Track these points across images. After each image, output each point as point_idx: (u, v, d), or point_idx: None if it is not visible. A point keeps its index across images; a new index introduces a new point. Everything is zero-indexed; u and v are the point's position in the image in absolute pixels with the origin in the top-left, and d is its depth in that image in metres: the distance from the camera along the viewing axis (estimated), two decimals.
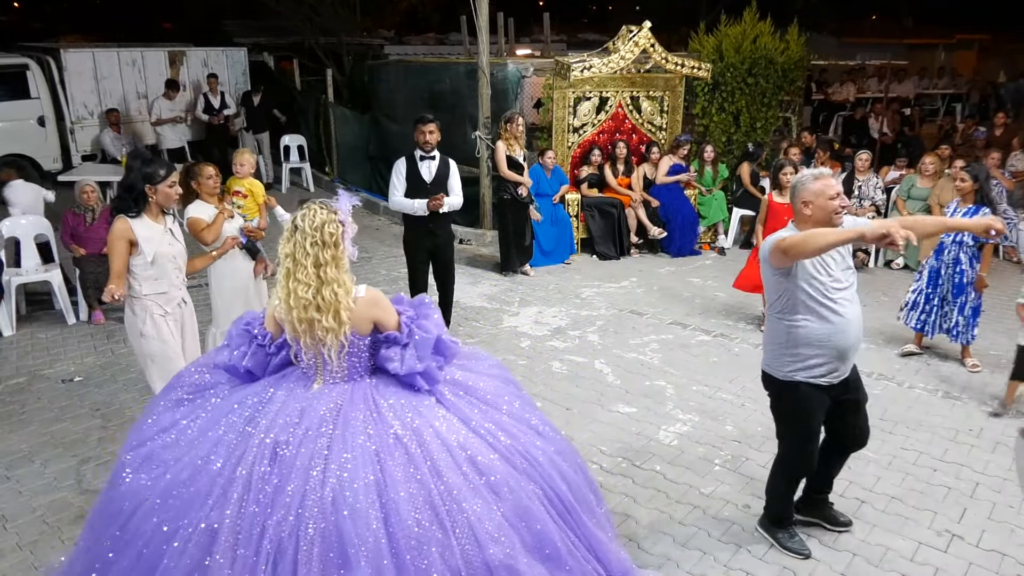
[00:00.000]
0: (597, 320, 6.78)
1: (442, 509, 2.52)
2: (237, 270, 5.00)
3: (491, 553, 2.49)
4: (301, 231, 2.72)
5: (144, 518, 2.55)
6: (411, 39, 21.59)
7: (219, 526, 2.45)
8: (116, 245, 3.74)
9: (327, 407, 2.71)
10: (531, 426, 2.99)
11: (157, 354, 3.88)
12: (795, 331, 3.29)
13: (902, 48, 21.72)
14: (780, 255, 3.18)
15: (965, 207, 5.58)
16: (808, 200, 3.27)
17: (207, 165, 4.80)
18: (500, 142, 7.81)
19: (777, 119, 10.01)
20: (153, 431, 2.81)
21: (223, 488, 2.52)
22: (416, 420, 2.73)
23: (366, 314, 2.79)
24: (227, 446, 2.64)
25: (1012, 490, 4.14)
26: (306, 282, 2.69)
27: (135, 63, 12.41)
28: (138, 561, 2.50)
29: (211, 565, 2.39)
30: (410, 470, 2.58)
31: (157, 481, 2.62)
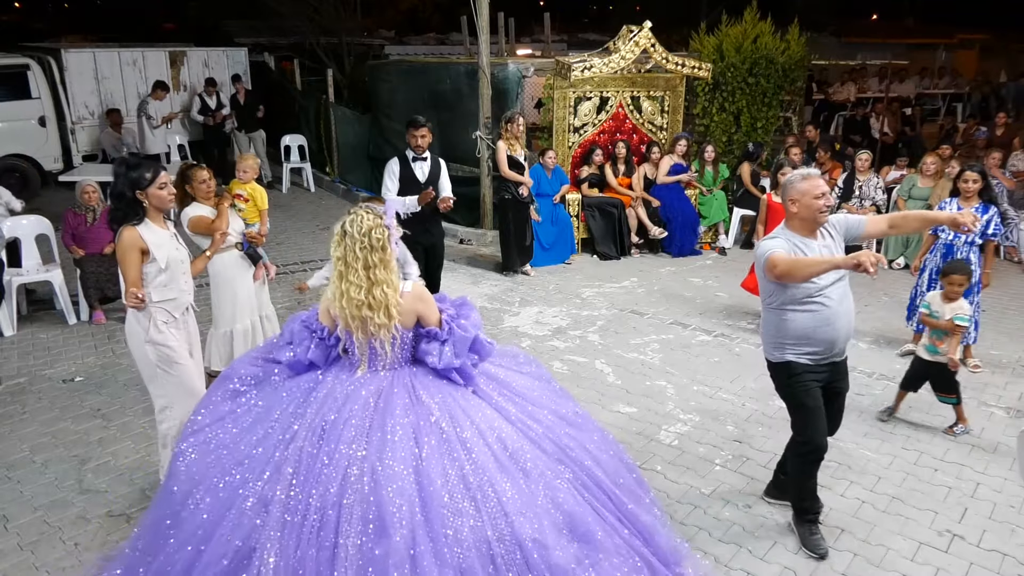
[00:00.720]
0: (598, 320, 6.78)
1: (474, 486, 2.70)
2: (238, 275, 5.00)
3: (520, 529, 2.64)
4: (350, 236, 2.90)
5: (204, 494, 2.80)
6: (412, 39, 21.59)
7: (271, 498, 2.67)
8: (128, 256, 3.63)
9: (370, 391, 2.93)
10: (562, 416, 3.19)
11: (164, 361, 3.79)
12: (785, 322, 3.51)
13: (903, 48, 21.67)
14: (774, 278, 3.42)
15: (970, 206, 5.56)
16: (795, 199, 3.45)
17: (201, 169, 4.77)
18: (501, 142, 7.81)
19: (778, 119, 10.00)
20: (209, 420, 3.06)
21: (277, 466, 2.75)
22: (451, 405, 2.94)
23: (411, 308, 2.99)
24: (280, 429, 2.87)
25: (1013, 490, 4.14)
26: (357, 284, 2.88)
27: (136, 63, 12.41)
28: (198, 530, 2.74)
29: (263, 532, 2.62)
30: (444, 449, 2.77)
31: (215, 463, 2.87)
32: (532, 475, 2.81)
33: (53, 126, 11.49)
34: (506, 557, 2.60)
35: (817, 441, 3.58)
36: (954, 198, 5.70)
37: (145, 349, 3.75)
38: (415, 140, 5.93)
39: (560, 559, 2.65)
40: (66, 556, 3.59)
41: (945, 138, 12.15)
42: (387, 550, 2.53)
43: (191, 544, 2.72)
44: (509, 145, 7.79)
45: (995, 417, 5.00)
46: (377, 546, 2.55)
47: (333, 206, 11.56)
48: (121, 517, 3.88)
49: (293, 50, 16.02)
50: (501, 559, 2.60)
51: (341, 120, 12.53)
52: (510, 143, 7.79)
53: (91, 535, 3.75)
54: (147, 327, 3.73)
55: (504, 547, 2.61)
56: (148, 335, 3.73)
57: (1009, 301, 7.31)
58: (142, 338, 3.74)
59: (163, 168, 3.79)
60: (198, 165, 4.93)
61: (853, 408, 4.64)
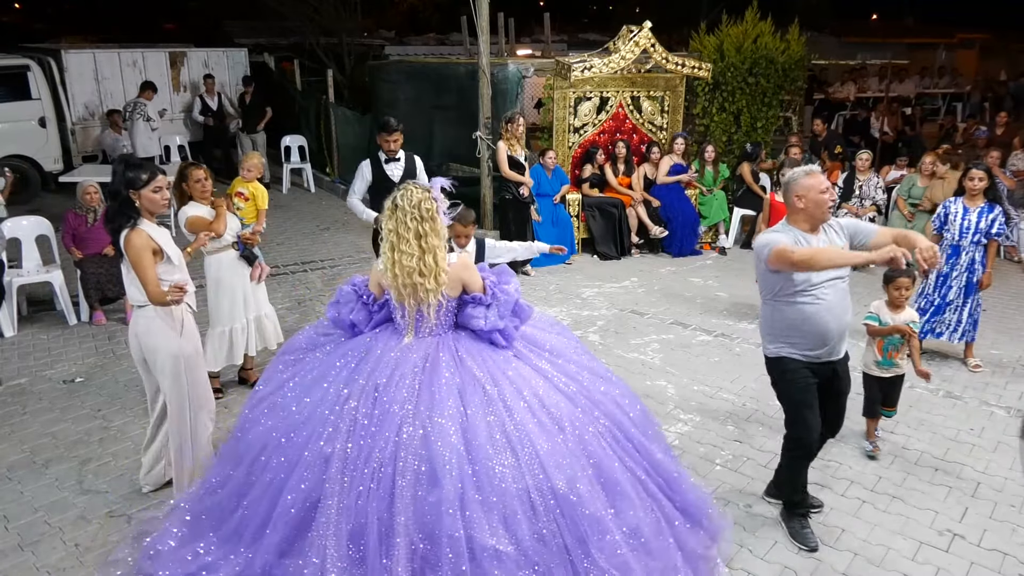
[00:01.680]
0: (598, 320, 6.78)
1: (514, 441, 2.95)
2: (235, 275, 5.00)
3: (556, 479, 2.89)
4: (401, 208, 3.10)
5: (272, 454, 3.07)
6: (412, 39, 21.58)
7: (331, 453, 2.93)
8: (144, 257, 3.61)
9: (418, 355, 3.16)
10: (593, 371, 3.45)
11: (194, 352, 3.85)
12: (780, 314, 3.58)
13: (903, 47, 21.67)
14: (787, 265, 3.40)
15: (976, 206, 5.56)
16: (801, 194, 3.48)
17: (197, 168, 4.76)
18: (501, 142, 7.81)
19: (778, 119, 10.01)
20: (271, 388, 3.33)
21: (334, 424, 2.99)
22: (492, 367, 3.17)
23: (457, 277, 3.21)
24: (335, 391, 3.11)
25: (1013, 489, 4.14)
26: (409, 252, 3.09)
27: (136, 64, 12.40)
28: (269, 486, 3.02)
29: (326, 485, 2.88)
30: (487, 408, 3.01)
31: (278, 425, 3.13)
32: (566, 430, 3.06)
33: (53, 127, 11.48)
34: (543, 504, 2.86)
35: (805, 439, 3.61)
36: (959, 197, 5.67)
37: (180, 343, 3.77)
38: (387, 144, 5.88)
39: (590, 507, 2.92)
40: (67, 557, 3.59)
41: (945, 138, 12.15)
42: (439, 497, 2.79)
43: (265, 499, 3.00)
44: (509, 145, 7.79)
45: (996, 417, 4.99)
46: (430, 494, 2.81)
47: (333, 206, 11.56)
48: (122, 518, 3.88)
49: (293, 50, 16.01)
50: (539, 506, 2.86)
51: (341, 120, 12.53)
52: (510, 143, 7.79)
53: (92, 536, 3.75)
54: (180, 323, 3.78)
55: (541, 496, 2.87)
56: (183, 330, 3.79)
57: (1009, 301, 7.31)
58: (176, 332, 3.76)
59: (162, 172, 3.77)
60: (196, 164, 4.93)
61: (853, 408, 4.62)
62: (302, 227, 10.26)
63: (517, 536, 2.80)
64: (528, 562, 2.79)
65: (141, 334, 3.78)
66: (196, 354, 3.89)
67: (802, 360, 3.57)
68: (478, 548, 2.74)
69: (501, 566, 2.74)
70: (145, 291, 3.66)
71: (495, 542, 2.76)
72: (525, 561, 2.79)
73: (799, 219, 3.53)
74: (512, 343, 3.31)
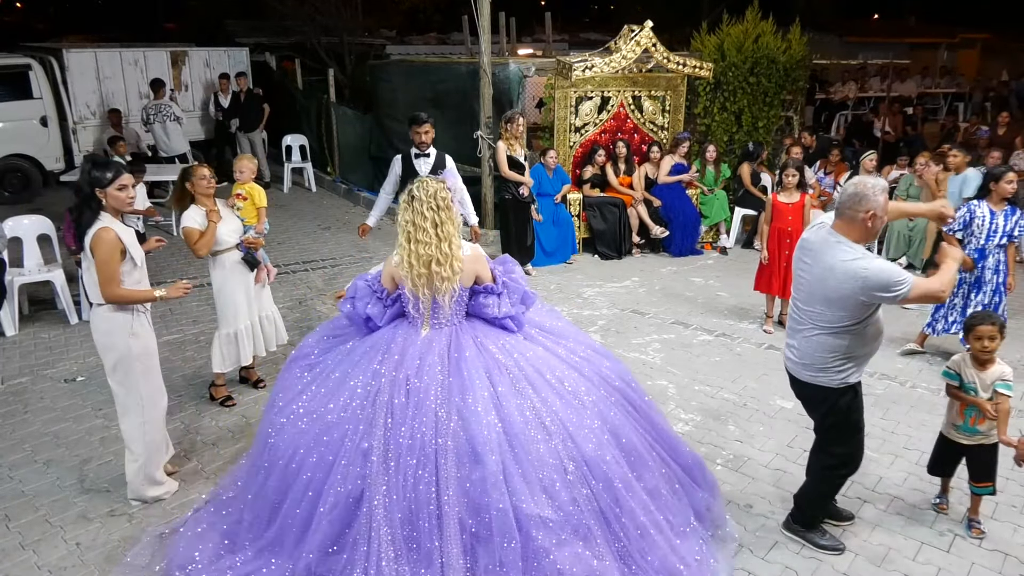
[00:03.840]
0: (599, 320, 6.78)
1: (544, 416, 3.14)
2: (239, 276, 4.98)
3: (586, 449, 3.12)
4: (418, 199, 3.22)
5: (305, 456, 3.14)
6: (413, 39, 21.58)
7: (369, 448, 3.03)
8: (114, 255, 3.62)
9: (441, 345, 3.29)
10: (597, 349, 3.66)
11: (144, 353, 3.85)
12: (861, 338, 3.31)
13: (904, 47, 21.65)
14: (928, 301, 3.40)
15: (1001, 209, 5.46)
16: (876, 213, 3.21)
17: (201, 166, 4.78)
18: (501, 142, 7.81)
19: (779, 118, 9.99)
20: (293, 394, 3.38)
21: (369, 420, 3.10)
22: (511, 350, 3.34)
23: (471, 268, 3.33)
24: (363, 388, 3.20)
25: (1014, 490, 4.14)
26: (427, 241, 3.19)
27: (137, 63, 12.40)
28: (307, 489, 3.10)
29: (368, 479, 2.99)
30: (514, 388, 3.19)
31: (309, 428, 3.19)
32: (586, 403, 3.26)
33: (55, 126, 11.49)
34: (575, 472, 3.07)
35: (858, 457, 3.56)
36: (982, 200, 5.54)
37: (129, 343, 3.77)
38: (419, 137, 6.03)
39: (618, 472, 3.16)
40: (68, 556, 3.60)
41: (946, 137, 12.14)
42: (483, 475, 2.96)
43: (304, 502, 3.08)
44: (509, 145, 7.79)
45: None
46: (474, 472, 2.98)
47: (334, 206, 11.57)
48: (123, 517, 3.89)
49: (294, 50, 16.02)
50: (572, 474, 3.06)
51: (342, 120, 12.53)
52: (510, 143, 7.79)
53: (93, 534, 3.75)
54: (131, 321, 3.78)
55: (574, 464, 3.08)
56: (133, 328, 3.78)
57: (1010, 301, 7.28)
58: (126, 331, 3.76)
59: (127, 170, 3.77)
60: (200, 164, 4.95)
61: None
62: (303, 226, 10.26)
63: (558, 502, 3.00)
64: (569, 525, 2.99)
65: (94, 332, 3.81)
66: (147, 354, 3.88)
67: (860, 380, 3.45)
68: (523, 517, 2.93)
69: (547, 531, 2.94)
70: (102, 288, 3.65)
71: (539, 510, 2.95)
72: (567, 524, 2.99)
73: (858, 234, 3.25)
74: (522, 328, 3.49)
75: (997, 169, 5.63)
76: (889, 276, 3.12)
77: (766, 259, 6.40)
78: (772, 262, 6.37)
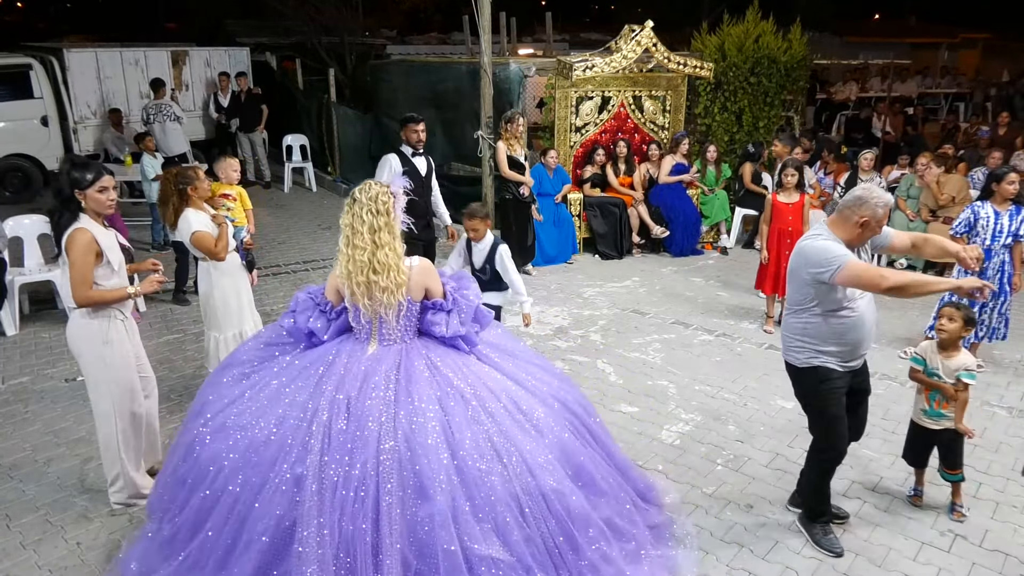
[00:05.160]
0: (599, 320, 6.78)
1: (499, 446, 2.91)
2: (239, 277, 4.97)
3: (544, 481, 2.90)
4: (358, 202, 3.05)
5: (230, 476, 2.88)
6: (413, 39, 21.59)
7: (304, 473, 2.76)
8: (87, 257, 3.55)
9: (389, 364, 3.06)
10: (548, 370, 3.47)
11: (119, 361, 3.78)
12: (823, 326, 3.46)
13: (905, 47, 21.66)
14: (867, 287, 3.30)
15: (1005, 209, 5.49)
16: (868, 220, 3.32)
17: (198, 168, 4.75)
18: (501, 142, 7.82)
19: (780, 118, 9.99)
20: (222, 404, 3.12)
21: (303, 442, 2.84)
22: (466, 372, 3.12)
23: (420, 281, 3.13)
24: (300, 406, 2.95)
25: (1015, 490, 4.14)
26: (363, 247, 3.00)
27: (138, 63, 12.40)
28: (231, 514, 2.84)
29: (301, 508, 2.72)
30: (468, 413, 2.96)
31: (237, 444, 2.93)
32: (543, 430, 3.06)
33: (55, 126, 11.49)
34: (533, 508, 2.86)
35: (839, 447, 3.59)
36: (986, 201, 5.57)
37: (102, 351, 3.72)
38: (416, 135, 6.03)
39: (574, 504, 2.95)
40: (68, 555, 3.60)
41: (947, 137, 12.13)
42: (430, 512, 2.73)
43: (229, 525, 2.83)
44: (509, 145, 7.79)
45: (997, 417, 4.99)
46: (420, 509, 2.74)
47: (335, 206, 11.56)
48: (123, 516, 3.89)
49: (295, 50, 16.02)
50: (528, 510, 2.85)
51: (343, 120, 12.53)
52: (510, 143, 7.79)
53: (93, 534, 3.75)
54: (106, 328, 3.72)
55: (531, 499, 2.86)
56: (107, 336, 3.72)
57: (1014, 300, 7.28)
58: (99, 339, 3.71)
59: (109, 172, 3.71)
60: (193, 166, 4.93)
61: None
62: (303, 226, 10.26)
63: (510, 542, 2.78)
64: (522, 566, 2.78)
65: (69, 337, 3.77)
66: (123, 363, 3.80)
67: (840, 370, 3.50)
68: (474, 559, 2.71)
69: (496, 573, 2.72)
70: (73, 291, 3.58)
71: (490, 551, 2.73)
72: (519, 565, 2.78)
73: (843, 232, 3.37)
74: (475, 347, 3.27)
75: (999, 170, 5.64)
76: (825, 254, 3.29)
77: (766, 259, 6.41)
78: (772, 262, 6.37)
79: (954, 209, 7.70)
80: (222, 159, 5.39)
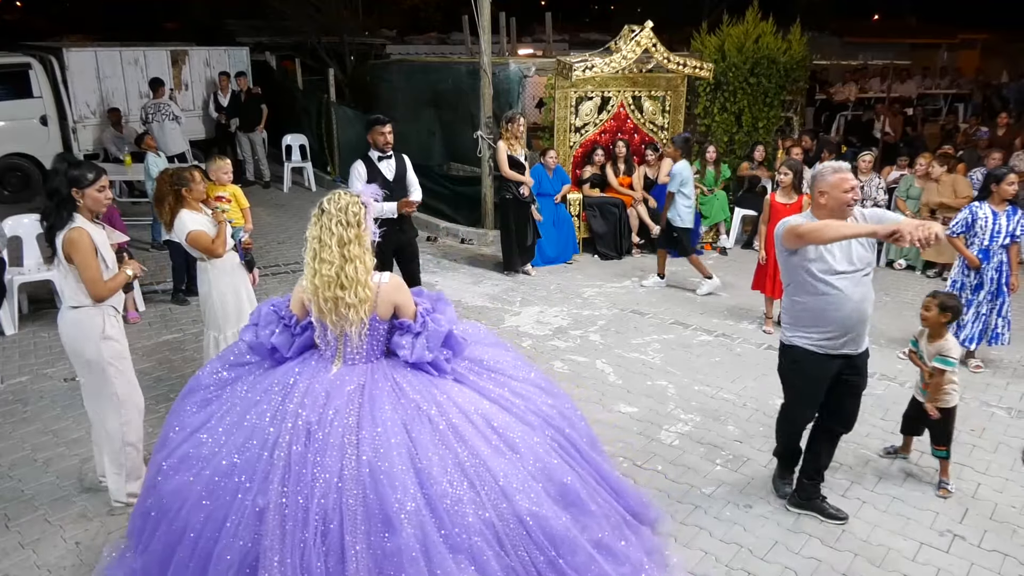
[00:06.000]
0: (599, 320, 6.78)
1: (470, 470, 2.74)
2: (239, 276, 4.97)
3: (520, 505, 2.72)
4: (327, 213, 2.91)
5: (192, 511, 2.73)
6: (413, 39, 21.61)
7: (264, 506, 2.62)
8: (90, 256, 3.58)
9: (352, 386, 2.88)
10: (536, 384, 3.27)
11: (117, 356, 3.81)
12: (800, 303, 3.63)
13: (905, 47, 21.67)
14: (794, 238, 3.50)
15: (1003, 209, 5.50)
16: (824, 191, 3.54)
17: (195, 170, 4.74)
18: (501, 142, 7.82)
19: (779, 119, 10.00)
20: (184, 434, 2.97)
21: (264, 473, 2.69)
22: (435, 394, 2.93)
23: (390, 299, 2.96)
24: (261, 433, 2.80)
25: (1014, 490, 4.14)
26: (330, 260, 2.86)
27: (137, 62, 12.40)
28: (195, 549, 2.69)
29: (264, 543, 2.57)
30: (436, 437, 2.78)
31: (199, 476, 2.78)
32: (521, 450, 2.88)
33: (55, 125, 11.49)
34: (510, 534, 2.70)
35: (798, 427, 3.90)
36: (983, 201, 5.58)
37: (100, 346, 3.73)
38: (383, 138, 5.90)
39: (558, 527, 2.77)
40: (67, 555, 3.60)
41: (946, 138, 12.13)
42: (398, 545, 2.56)
43: (193, 561, 2.68)
44: (509, 145, 7.79)
45: (996, 417, 4.99)
46: (387, 542, 2.57)
47: None
48: (123, 516, 3.88)
49: (295, 49, 16.03)
50: (506, 536, 2.69)
51: (342, 120, 12.53)
52: (510, 143, 7.80)
53: (92, 534, 3.75)
54: (102, 325, 3.73)
55: (507, 525, 2.70)
56: (105, 331, 3.74)
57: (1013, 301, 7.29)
58: (97, 335, 3.72)
59: (103, 171, 3.73)
60: (191, 167, 4.92)
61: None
62: (303, 226, 10.13)
63: (487, 571, 2.62)
64: None
65: (63, 335, 3.78)
66: (120, 357, 3.82)
67: (815, 351, 3.61)
68: None
69: None
70: (91, 290, 3.61)
71: None
72: None
73: (822, 214, 3.56)
74: (445, 374, 3.05)
75: (998, 171, 5.65)
76: (780, 227, 3.58)
77: (764, 259, 6.41)
78: (770, 263, 6.37)
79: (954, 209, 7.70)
80: (213, 160, 5.37)
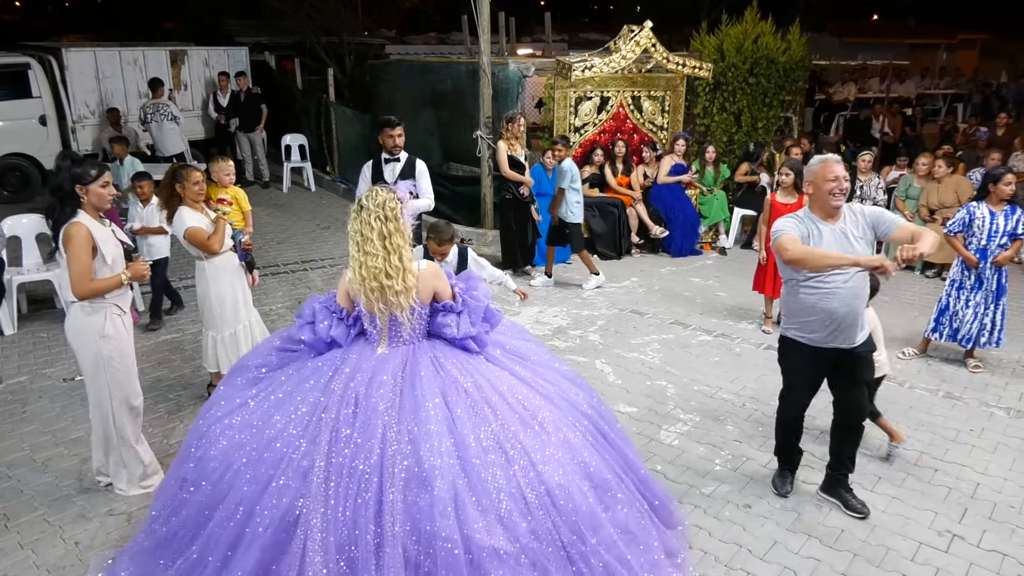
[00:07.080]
0: (598, 320, 6.78)
1: (503, 441, 2.94)
2: (236, 277, 4.97)
3: (548, 477, 2.91)
4: (366, 209, 3.09)
5: (239, 472, 2.92)
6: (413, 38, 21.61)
7: (310, 467, 2.83)
8: (85, 251, 3.59)
9: (396, 363, 3.12)
10: (565, 375, 3.49)
11: (116, 355, 3.82)
12: (794, 297, 3.77)
13: (904, 48, 21.68)
14: (782, 260, 3.66)
15: (1000, 209, 5.51)
16: (809, 181, 3.69)
17: (195, 170, 4.74)
18: (501, 142, 7.82)
19: (778, 119, 10.00)
20: (233, 405, 3.18)
21: (311, 437, 2.91)
22: (472, 371, 3.16)
23: (429, 284, 3.19)
24: (310, 404, 3.02)
25: (1013, 490, 4.14)
26: (374, 253, 3.05)
27: (136, 62, 12.39)
28: (236, 509, 2.86)
29: (305, 501, 2.78)
30: (472, 410, 3.00)
31: (250, 440, 2.99)
32: (549, 429, 3.07)
33: (54, 125, 11.48)
34: (537, 502, 2.86)
35: (788, 415, 4.00)
36: (981, 201, 5.59)
37: (99, 345, 3.76)
38: (392, 140, 5.93)
39: (584, 504, 2.94)
40: (67, 555, 3.59)
41: (946, 138, 12.15)
42: (431, 500, 2.74)
43: (232, 523, 2.85)
44: (509, 145, 7.79)
45: (995, 417, 5.00)
46: (421, 498, 2.76)
47: (333, 205, 11.56)
48: (122, 516, 3.89)
49: (294, 49, 16.03)
50: (533, 503, 2.86)
51: (342, 119, 12.53)
52: (510, 143, 7.80)
53: (92, 534, 3.75)
54: (102, 323, 3.76)
55: (535, 493, 2.87)
56: (104, 330, 3.76)
57: (1009, 301, 7.29)
58: (96, 333, 3.75)
59: (107, 168, 3.76)
60: (194, 166, 4.92)
61: None
62: (302, 226, 10.25)
63: (515, 534, 2.78)
64: (527, 559, 2.78)
65: (68, 332, 3.81)
66: (120, 356, 3.84)
67: (806, 344, 3.74)
68: (475, 548, 2.70)
69: (501, 563, 2.71)
70: (73, 285, 3.62)
71: (493, 541, 2.72)
72: (525, 558, 2.77)
73: (814, 207, 3.69)
74: (485, 348, 3.31)
75: (996, 170, 5.65)
76: (777, 226, 3.68)
77: (764, 259, 6.41)
78: (770, 263, 6.37)
79: (954, 210, 7.71)
80: (216, 161, 5.38)
